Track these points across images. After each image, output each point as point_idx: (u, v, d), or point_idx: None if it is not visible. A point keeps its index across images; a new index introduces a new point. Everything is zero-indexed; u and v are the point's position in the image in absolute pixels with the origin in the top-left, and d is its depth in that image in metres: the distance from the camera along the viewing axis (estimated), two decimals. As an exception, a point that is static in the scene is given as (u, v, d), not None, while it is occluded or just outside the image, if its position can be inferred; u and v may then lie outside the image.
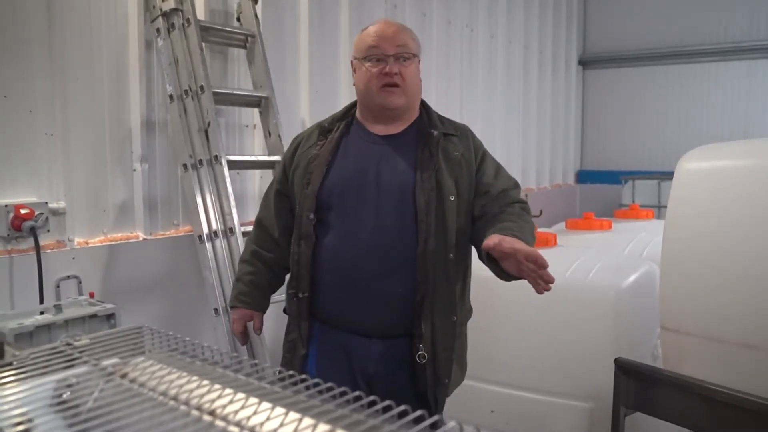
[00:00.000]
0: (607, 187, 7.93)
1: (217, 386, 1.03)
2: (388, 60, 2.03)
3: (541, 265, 1.77)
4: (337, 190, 2.06)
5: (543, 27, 7.26)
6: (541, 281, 1.80)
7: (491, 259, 1.91)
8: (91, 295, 2.69)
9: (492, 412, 3.13)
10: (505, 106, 6.52)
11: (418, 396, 2.05)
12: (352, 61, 2.17)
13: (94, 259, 3.02)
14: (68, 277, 2.90)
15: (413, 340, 2.03)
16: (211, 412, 0.96)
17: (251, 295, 2.26)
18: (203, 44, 3.13)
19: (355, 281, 2.02)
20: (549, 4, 7.40)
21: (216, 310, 3.00)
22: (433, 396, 2.06)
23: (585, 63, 8.37)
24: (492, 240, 1.81)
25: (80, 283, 2.94)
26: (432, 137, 2.09)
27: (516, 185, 2.19)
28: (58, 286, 2.86)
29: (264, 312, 2.31)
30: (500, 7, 6.37)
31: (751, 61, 7.40)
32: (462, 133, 2.17)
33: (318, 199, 2.06)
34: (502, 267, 1.87)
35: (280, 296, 2.39)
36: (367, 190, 2.04)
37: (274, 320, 2.67)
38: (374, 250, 2.01)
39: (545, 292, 1.84)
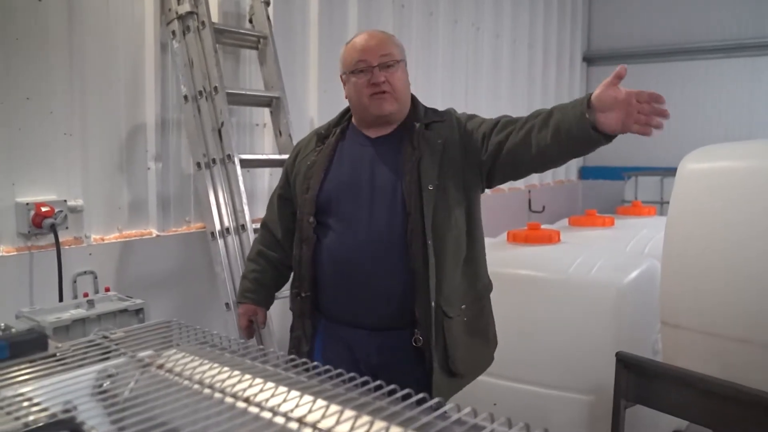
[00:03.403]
0: (610, 184, 7.98)
1: (248, 376, 1.12)
2: (373, 70, 2.10)
3: (656, 98, 1.73)
4: (335, 194, 2.16)
5: (548, 24, 7.31)
6: (656, 119, 1.74)
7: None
8: (107, 290, 2.78)
9: (495, 404, 3.20)
10: (510, 104, 6.56)
11: (421, 383, 2.10)
12: (341, 76, 2.23)
13: (110, 254, 3.11)
14: (85, 272, 2.99)
15: (410, 327, 2.10)
16: (246, 400, 1.04)
17: (255, 292, 2.37)
18: (217, 46, 3.22)
19: (353, 279, 2.11)
20: (553, 1, 7.45)
21: (227, 304, 3.10)
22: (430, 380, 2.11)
23: (589, 60, 8.41)
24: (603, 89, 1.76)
25: (96, 278, 3.02)
26: (414, 130, 2.16)
27: (495, 120, 2.17)
28: (75, 281, 2.95)
29: (268, 308, 2.42)
30: (505, 6, 6.43)
31: (756, 57, 7.42)
32: (446, 117, 2.21)
33: (317, 203, 2.16)
34: (598, 127, 1.81)
35: (285, 292, 2.50)
36: (362, 191, 2.13)
37: (283, 316, 2.76)
38: (368, 249, 2.10)
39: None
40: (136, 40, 3.18)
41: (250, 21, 3.58)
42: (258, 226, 3.13)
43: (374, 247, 2.09)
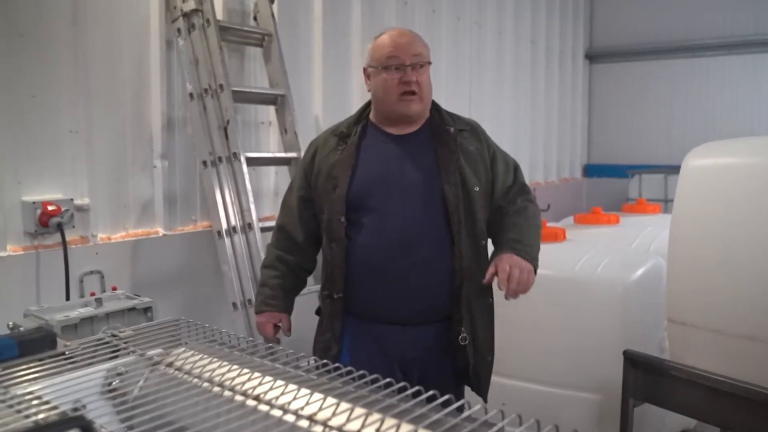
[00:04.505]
0: (614, 181, 7.95)
1: (257, 373, 1.12)
2: (406, 69, 2.12)
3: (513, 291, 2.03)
4: (365, 190, 2.15)
5: (550, 22, 7.29)
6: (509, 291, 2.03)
7: None
8: (114, 290, 2.77)
9: (504, 404, 3.20)
10: (512, 102, 6.56)
11: (457, 377, 2.19)
12: (365, 69, 2.24)
13: (116, 254, 3.10)
14: (92, 271, 2.98)
15: (453, 324, 2.15)
16: (256, 398, 1.04)
17: (279, 299, 2.31)
18: (222, 43, 3.21)
19: (389, 274, 2.12)
20: (555, -2, 7.45)
21: (234, 304, 3.09)
22: (476, 374, 2.19)
23: (592, 57, 8.39)
24: (490, 273, 2.07)
25: (103, 277, 3.02)
26: (449, 134, 2.20)
27: (516, 176, 2.32)
28: (82, 281, 2.94)
29: (290, 314, 2.36)
30: (508, 4, 6.41)
31: (758, 54, 7.38)
32: (472, 127, 2.29)
33: (347, 201, 2.15)
34: None
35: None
36: (393, 187, 2.14)
37: (293, 318, 2.75)
38: (404, 244, 2.11)
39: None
40: (142, 38, 3.18)
41: (255, 18, 3.57)
42: (265, 224, 3.14)
43: (409, 244, 2.11)
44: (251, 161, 3.23)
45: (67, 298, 2.76)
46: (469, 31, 5.81)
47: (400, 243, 2.10)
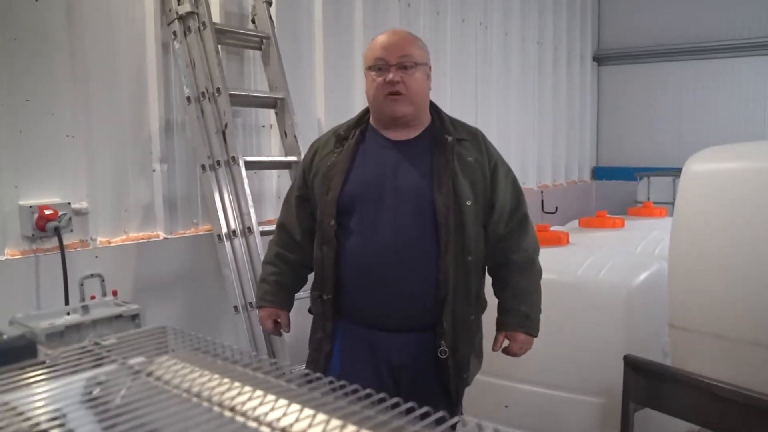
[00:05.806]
0: (623, 184, 7.89)
1: (237, 384, 1.10)
2: (390, 69, 2.10)
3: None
4: (357, 195, 2.15)
5: (557, 23, 7.25)
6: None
7: None
8: (114, 293, 2.76)
9: (506, 407, 3.19)
10: (519, 104, 6.52)
11: (442, 387, 2.17)
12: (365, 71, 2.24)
13: (117, 257, 3.10)
14: (92, 275, 2.97)
15: (435, 336, 2.13)
16: (232, 409, 1.02)
17: (276, 295, 2.36)
18: (219, 46, 3.20)
19: (376, 280, 2.12)
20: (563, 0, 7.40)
21: (236, 307, 3.08)
22: (455, 388, 2.18)
23: (600, 59, 8.34)
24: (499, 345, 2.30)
25: (103, 281, 3.01)
26: (447, 143, 2.17)
27: (519, 202, 2.29)
28: (82, 285, 2.93)
29: (289, 310, 2.41)
30: (514, 4, 6.37)
31: (769, 56, 7.34)
32: (474, 137, 2.25)
33: (338, 205, 2.15)
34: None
35: (299, 294, 2.50)
36: (386, 193, 2.13)
37: (293, 317, 2.74)
38: (393, 251, 2.10)
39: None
40: (138, 40, 3.17)
41: (253, 21, 3.55)
42: (266, 228, 3.12)
43: (398, 251, 2.10)
44: (250, 165, 3.21)
45: (67, 303, 2.76)
46: (474, 32, 5.77)
47: (387, 249, 2.09)
